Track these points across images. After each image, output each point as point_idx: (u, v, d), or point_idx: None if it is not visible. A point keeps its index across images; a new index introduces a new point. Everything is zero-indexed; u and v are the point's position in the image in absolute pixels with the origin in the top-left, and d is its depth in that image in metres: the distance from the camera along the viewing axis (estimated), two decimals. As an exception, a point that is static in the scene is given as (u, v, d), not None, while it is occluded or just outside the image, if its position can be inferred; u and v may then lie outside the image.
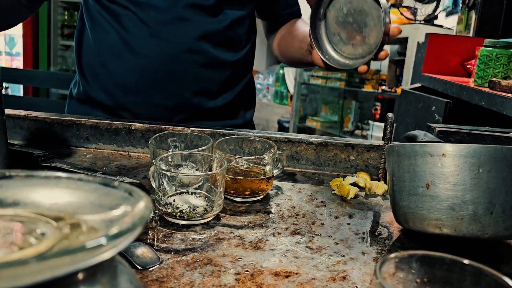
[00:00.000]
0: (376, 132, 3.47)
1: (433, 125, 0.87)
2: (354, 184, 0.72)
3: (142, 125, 0.84)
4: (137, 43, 0.88)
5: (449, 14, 3.03)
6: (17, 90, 4.16)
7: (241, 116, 1.03)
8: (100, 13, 0.90)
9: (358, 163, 0.81)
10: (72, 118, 0.86)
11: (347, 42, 0.77)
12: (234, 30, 0.93)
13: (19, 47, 4.29)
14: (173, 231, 0.53)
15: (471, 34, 2.29)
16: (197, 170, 0.63)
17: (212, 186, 0.56)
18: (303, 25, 1.04)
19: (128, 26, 0.88)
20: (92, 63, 0.94)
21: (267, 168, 0.65)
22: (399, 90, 2.82)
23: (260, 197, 0.65)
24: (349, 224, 0.59)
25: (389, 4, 3.26)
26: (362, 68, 0.76)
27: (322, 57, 0.79)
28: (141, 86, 0.90)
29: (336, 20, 0.77)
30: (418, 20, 2.90)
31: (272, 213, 0.61)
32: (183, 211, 0.54)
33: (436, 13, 2.88)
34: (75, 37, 0.97)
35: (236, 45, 0.95)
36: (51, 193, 0.27)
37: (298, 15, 1.09)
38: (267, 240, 0.52)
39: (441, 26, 2.85)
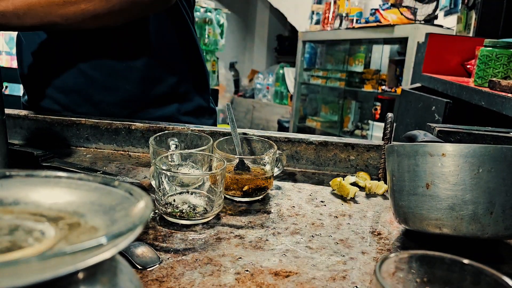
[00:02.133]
0: (376, 132, 3.47)
1: (433, 125, 0.87)
2: (354, 184, 0.72)
3: (142, 124, 0.84)
4: (69, 46, 0.89)
5: (447, 13, 3.03)
6: (17, 90, 4.15)
7: (193, 100, 1.01)
8: None
9: (358, 163, 0.81)
10: (72, 118, 0.86)
11: None
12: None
13: (19, 47, 4.28)
14: (173, 231, 0.53)
15: (471, 34, 2.29)
16: (197, 169, 0.63)
17: (212, 186, 0.56)
18: None
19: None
20: (32, 71, 0.95)
21: (267, 167, 0.65)
22: (399, 90, 2.82)
23: (260, 197, 0.65)
24: (349, 224, 0.59)
25: (389, 3, 3.26)
26: None
27: None
28: (80, 85, 0.91)
29: None
30: (418, 20, 2.90)
31: (272, 213, 0.61)
32: (183, 211, 0.54)
33: (436, 13, 2.88)
34: (16, 51, 0.98)
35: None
36: (51, 192, 0.27)
37: None
38: (267, 240, 0.52)
39: (441, 26, 2.85)
